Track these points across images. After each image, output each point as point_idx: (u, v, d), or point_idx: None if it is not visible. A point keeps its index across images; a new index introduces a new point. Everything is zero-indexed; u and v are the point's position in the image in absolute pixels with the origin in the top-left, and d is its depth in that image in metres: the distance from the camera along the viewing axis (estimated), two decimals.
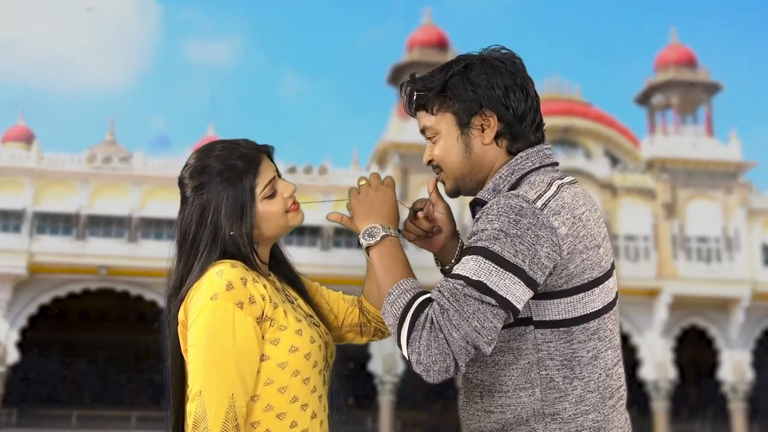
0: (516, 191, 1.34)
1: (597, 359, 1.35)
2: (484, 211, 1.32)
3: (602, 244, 1.36)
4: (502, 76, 1.41)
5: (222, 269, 1.36)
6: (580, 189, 1.39)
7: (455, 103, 1.42)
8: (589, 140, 27.07)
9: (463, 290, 1.26)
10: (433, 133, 1.46)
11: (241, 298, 1.35)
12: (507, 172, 1.41)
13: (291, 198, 1.48)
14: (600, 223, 1.39)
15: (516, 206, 1.30)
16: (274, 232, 1.46)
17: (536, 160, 1.42)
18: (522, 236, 1.27)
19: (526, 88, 1.43)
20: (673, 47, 26.58)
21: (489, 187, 1.41)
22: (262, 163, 1.45)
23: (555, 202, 1.32)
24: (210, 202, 1.42)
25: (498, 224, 1.28)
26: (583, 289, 1.33)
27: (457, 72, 1.43)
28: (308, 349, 1.41)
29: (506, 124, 1.42)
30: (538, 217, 1.29)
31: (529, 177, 1.39)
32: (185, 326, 1.38)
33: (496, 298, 1.25)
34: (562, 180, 1.39)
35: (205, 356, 1.33)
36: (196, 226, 1.42)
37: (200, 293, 1.35)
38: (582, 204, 1.36)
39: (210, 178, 1.42)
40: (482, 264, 1.27)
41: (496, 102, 1.41)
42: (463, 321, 1.24)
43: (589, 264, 1.33)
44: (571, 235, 1.31)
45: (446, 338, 1.23)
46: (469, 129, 1.42)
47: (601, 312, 1.36)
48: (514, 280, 1.26)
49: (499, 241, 1.27)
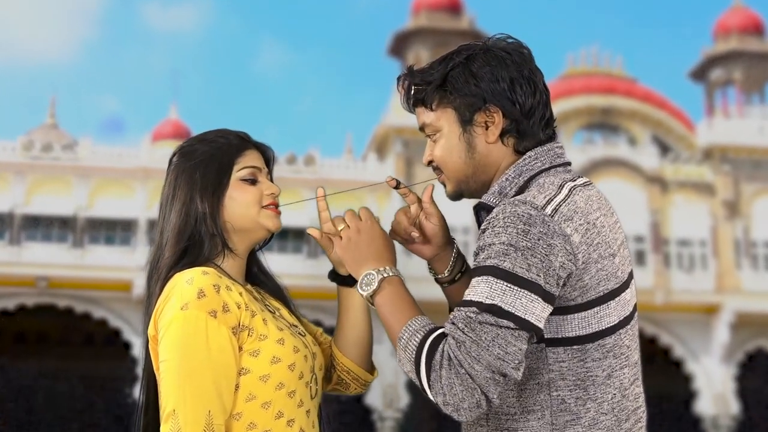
0: (523, 196, 1.45)
1: (611, 378, 1.46)
2: (489, 222, 1.43)
3: (618, 252, 1.48)
4: (507, 68, 1.53)
5: (192, 276, 1.49)
6: (595, 191, 1.52)
7: (456, 98, 1.54)
8: (634, 124, 27.08)
9: (477, 318, 1.36)
10: (433, 131, 1.58)
11: (214, 306, 1.46)
12: (514, 174, 1.52)
13: (271, 197, 1.62)
14: (616, 229, 1.50)
15: (523, 215, 1.40)
16: (242, 225, 1.60)
17: (546, 160, 1.54)
18: (533, 248, 1.38)
19: (534, 81, 1.54)
20: (736, 11, 26.58)
21: (494, 190, 1.53)
22: (250, 149, 1.63)
23: (566, 207, 1.44)
24: (185, 173, 1.60)
25: (506, 237, 1.39)
26: (599, 302, 1.44)
27: (458, 64, 1.54)
28: (292, 359, 1.52)
29: (512, 120, 1.54)
30: (548, 225, 1.40)
31: (538, 179, 1.51)
32: (156, 341, 1.50)
33: (514, 320, 1.36)
34: (574, 182, 1.50)
35: (177, 371, 1.44)
36: (170, 199, 1.60)
37: (170, 304, 1.48)
38: (596, 208, 1.47)
39: (193, 156, 1.61)
40: (494, 285, 1.37)
41: (500, 96, 1.52)
42: (483, 351, 1.34)
43: (605, 275, 1.45)
44: (585, 243, 1.43)
45: (468, 373, 1.34)
46: (472, 126, 1.54)
47: (617, 327, 1.47)
48: (531, 298, 1.37)
49: (509, 256, 1.38)
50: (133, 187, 21.95)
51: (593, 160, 23.34)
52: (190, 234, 1.57)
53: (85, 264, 21.19)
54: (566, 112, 25.74)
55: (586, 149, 23.93)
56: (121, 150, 22.83)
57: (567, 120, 25.86)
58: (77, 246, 21.57)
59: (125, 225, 21.91)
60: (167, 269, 1.55)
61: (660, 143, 26.37)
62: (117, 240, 21.83)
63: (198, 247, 1.57)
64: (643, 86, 28.29)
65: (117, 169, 21.84)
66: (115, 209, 21.56)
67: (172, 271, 1.55)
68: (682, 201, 23.56)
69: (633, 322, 1.51)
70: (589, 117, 26.12)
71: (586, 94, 26.23)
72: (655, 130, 27.37)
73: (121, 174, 21.94)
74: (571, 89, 26.19)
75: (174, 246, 1.57)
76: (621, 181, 23.22)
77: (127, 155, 22.37)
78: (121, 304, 21.19)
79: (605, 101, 26.64)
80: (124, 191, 21.84)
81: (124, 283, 20.64)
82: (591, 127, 26.48)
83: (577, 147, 24.30)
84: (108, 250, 21.42)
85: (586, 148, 24.12)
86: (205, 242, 1.57)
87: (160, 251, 1.59)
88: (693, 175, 23.77)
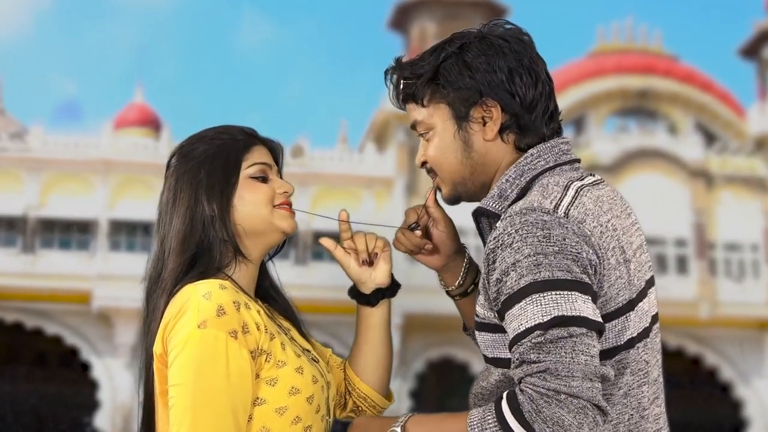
0: (529, 203, 1.52)
1: (628, 397, 1.53)
2: (500, 241, 1.48)
3: (633, 258, 1.55)
4: (505, 57, 1.60)
5: (210, 291, 1.53)
6: (606, 191, 1.59)
7: (450, 92, 1.61)
8: (675, 108, 27.02)
9: (545, 338, 1.42)
10: (426, 129, 1.66)
11: (235, 325, 1.52)
12: (515, 174, 1.59)
13: (284, 196, 1.70)
14: (632, 232, 1.58)
15: (537, 221, 1.47)
16: (254, 227, 1.67)
17: (550, 158, 1.61)
18: (562, 250, 1.45)
19: (535, 71, 1.61)
20: None
21: (494, 193, 1.60)
22: (258, 145, 1.71)
23: (576, 210, 1.51)
24: (187, 174, 1.66)
25: (529, 249, 1.45)
26: (618, 314, 1.52)
27: (450, 54, 1.62)
28: (311, 391, 1.59)
29: (512, 114, 1.61)
30: (566, 226, 1.48)
31: (541, 179, 1.58)
32: (163, 361, 1.56)
33: (582, 323, 1.42)
34: (581, 181, 1.57)
35: (192, 397, 1.48)
36: (171, 204, 1.66)
37: (184, 321, 1.52)
38: (607, 209, 1.55)
39: (195, 156, 1.67)
40: (543, 299, 1.43)
41: (498, 89, 1.60)
42: (572, 366, 1.40)
43: (622, 283, 1.52)
44: (602, 248, 1.50)
45: (570, 394, 1.38)
46: (468, 123, 1.62)
47: (634, 341, 1.54)
48: (582, 298, 1.44)
49: (542, 265, 1.44)
50: (93, 183, 21.90)
51: (627, 151, 23.29)
52: (198, 240, 1.62)
53: (37, 272, 21.10)
54: (596, 95, 25.69)
55: (618, 138, 23.87)
56: (79, 139, 22.80)
57: (597, 104, 25.81)
58: (27, 251, 21.51)
59: (83, 226, 21.86)
60: (173, 281, 1.60)
61: (705, 131, 26.32)
62: (73, 244, 21.81)
63: (207, 255, 1.63)
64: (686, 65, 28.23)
65: (74, 162, 21.82)
66: (72, 208, 21.55)
67: (180, 283, 1.59)
68: (730, 198, 23.50)
69: (652, 335, 1.57)
70: (623, 101, 26.06)
71: (620, 74, 26.17)
72: (698, 116, 27.31)
73: (79, 167, 21.89)
74: (602, 68, 26.15)
75: (180, 255, 1.62)
76: (659, 175, 23.17)
77: (85, 145, 22.35)
78: (78, 318, 21.15)
79: (641, 82, 26.56)
80: (81, 187, 21.78)
81: (82, 294, 20.63)
82: (625, 112, 26.44)
83: (609, 136, 24.25)
84: (63, 256, 21.42)
85: (619, 137, 24.06)
86: (214, 249, 1.63)
87: (162, 262, 1.63)
88: (743, 168, 23.73)
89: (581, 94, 25.72)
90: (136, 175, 21.45)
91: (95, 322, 21.11)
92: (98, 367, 21.27)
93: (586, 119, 25.88)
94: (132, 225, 21.71)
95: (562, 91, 25.49)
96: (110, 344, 21.16)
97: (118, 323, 20.83)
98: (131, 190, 21.52)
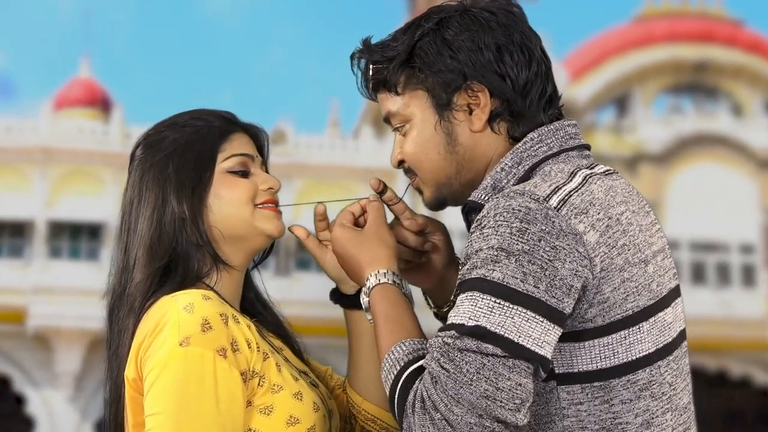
0: (521, 186, 1.54)
1: (651, 427, 1.53)
2: (479, 222, 1.52)
3: (652, 260, 1.57)
4: (492, 33, 1.63)
5: (191, 302, 1.56)
6: (621, 182, 1.62)
7: (428, 76, 1.64)
8: (739, 85, 27.06)
9: (456, 344, 1.44)
10: (402, 121, 1.69)
11: (223, 342, 1.55)
12: (512, 162, 1.62)
13: (269, 193, 1.73)
14: (652, 231, 1.60)
15: (520, 209, 1.49)
16: (233, 230, 1.70)
17: (554, 143, 1.63)
18: (532, 251, 1.46)
19: (528, 47, 1.64)
20: None
21: (487, 184, 1.63)
22: (237, 133, 1.74)
23: (579, 198, 1.53)
24: (154, 169, 1.69)
25: (496, 240, 1.48)
26: (627, 324, 1.52)
27: (427, 31, 1.64)
28: (312, 421, 1.63)
29: (503, 100, 1.63)
30: (552, 221, 1.49)
31: (543, 167, 1.61)
32: (137, 388, 1.58)
33: (503, 345, 1.43)
34: (591, 170, 1.60)
35: (175, 428, 1.50)
36: (136, 204, 1.68)
37: (162, 338, 1.54)
38: (620, 201, 1.57)
39: (162, 146, 1.70)
40: (479, 301, 1.45)
41: (485, 70, 1.62)
42: (463, 388, 1.41)
43: (634, 287, 1.53)
44: (605, 244, 1.51)
45: (446, 419, 1.41)
46: (451, 111, 1.65)
47: (653, 358, 1.55)
48: (526, 316, 1.44)
49: (500, 264, 1.46)
50: (29, 175, 21.97)
51: (681, 136, 23.36)
52: (168, 247, 1.65)
53: None
54: (643, 68, 25.73)
55: (671, 121, 23.94)
56: (11, 122, 22.90)
57: (644, 79, 25.85)
58: None
59: (16, 229, 21.94)
60: (141, 297, 1.62)
61: None
62: (4, 250, 21.82)
63: (183, 264, 1.66)
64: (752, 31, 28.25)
65: (4, 150, 21.88)
66: (3, 206, 21.50)
67: (152, 298, 1.61)
68: None
69: (678, 354, 1.58)
70: (676, 75, 26.13)
71: (672, 43, 26.21)
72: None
73: (12, 156, 21.95)
74: (651, 36, 26.18)
75: (147, 265, 1.64)
76: (721, 166, 23.23)
77: (18, 129, 22.44)
78: (10, 341, 21.21)
79: (698, 53, 26.60)
80: (14, 180, 21.84)
81: (16, 312, 20.71)
82: (678, 89, 26.50)
83: (659, 118, 24.31)
84: None
85: (672, 119, 24.13)
86: (191, 257, 1.66)
87: (128, 273, 1.66)
88: None
89: (625, 67, 25.73)
90: (82, 166, 21.49)
91: (31, 346, 21.13)
92: (35, 401, 21.30)
93: (632, 98, 25.88)
94: (76, 227, 21.76)
95: (602, 63, 25.53)
96: (49, 372, 21.20)
97: (59, 347, 20.86)
98: (75, 184, 21.56)
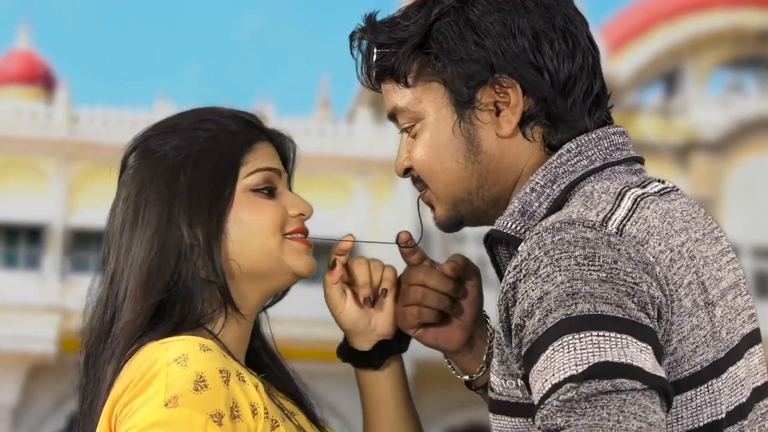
0: (565, 214, 1.50)
1: None
2: (523, 269, 1.47)
3: (721, 300, 1.53)
4: (528, 15, 1.59)
5: (185, 352, 1.53)
6: (679, 203, 1.58)
7: (447, 65, 1.61)
8: None
9: (578, 394, 1.37)
10: (411, 120, 1.65)
11: (219, 405, 1.52)
12: (544, 180, 1.59)
13: (299, 220, 1.70)
14: (721, 264, 1.56)
15: (576, 239, 1.45)
16: (255, 265, 1.67)
17: (596, 156, 1.60)
18: (611, 278, 1.43)
19: (572, 34, 1.61)
20: None
21: (514, 209, 1.59)
22: (262, 141, 1.71)
23: (634, 227, 1.49)
24: (158, 182, 1.64)
25: (562, 276, 1.43)
26: (696, 382, 1.49)
27: (447, 10, 1.61)
28: None
29: (539, 99, 1.60)
30: (618, 248, 1.46)
31: (583, 186, 1.57)
32: None
33: (637, 376, 1.38)
34: (643, 188, 1.57)
35: None
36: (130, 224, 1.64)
37: (148, 395, 1.52)
38: (681, 229, 1.53)
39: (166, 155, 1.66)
40: (577, 343, 1.39)
41: (518, 61, 1.59)
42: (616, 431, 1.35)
43: (703, 336, 1.50)
44: (673, 282, 1.48)
45: None
46: (473, 111, 1.61)
47: (721, 425, 1.51)
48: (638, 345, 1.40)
49: (580, 295, 1.41)
50: None
51: (742, 120, 23.41)
52: (169, 280, 1.61)
53: None
54: (697, 38, 25.77)
55: (729, 102, 24.01)
56: None
57: (698, 51, 25.89)
58: None
59: None
60: (128, 339, 1.59)
61: None
62: None
63: (183, 302, 1.62)
64: None
65: None
66: None
67: (136, 343, 1.58)
68: None
69: (754, 417, 1.55)
70: (736, 47, 26.16)
71: (731, 8, 26.23)
72: None
73: None
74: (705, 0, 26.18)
75: (141, 300, 1.60)
76: None
77: None
78: None
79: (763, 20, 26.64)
80: None
81: None
82: (739, 64, 26.57)
83: (715, 98, 24.34)
84: None
85: (730, 99, 24.20)
86: (194, 293, 1.62)
87: (114, 309, 1.63)
88: None
89: (675, 37, 25.78)
90: (19, 156, 21.51)
91: None
92: None
93: (683, 74, 25.93)
94: (13, 230, 21.81)
95: (647, 32, 25.57)
96: None
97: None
98: (12, 177, 21.59)
